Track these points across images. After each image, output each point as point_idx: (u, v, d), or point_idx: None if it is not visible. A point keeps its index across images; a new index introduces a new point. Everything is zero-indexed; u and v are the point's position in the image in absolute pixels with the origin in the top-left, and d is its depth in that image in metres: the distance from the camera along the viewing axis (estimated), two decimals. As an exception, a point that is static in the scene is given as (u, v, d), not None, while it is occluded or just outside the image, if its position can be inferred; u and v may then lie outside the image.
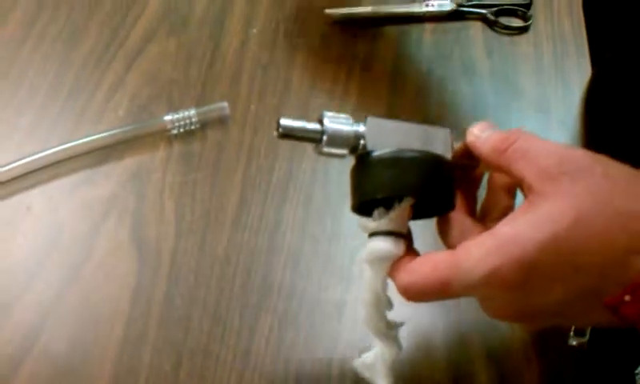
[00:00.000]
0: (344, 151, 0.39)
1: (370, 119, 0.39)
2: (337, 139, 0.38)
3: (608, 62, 0.64)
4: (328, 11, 0.67)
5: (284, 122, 0.38)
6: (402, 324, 0.41)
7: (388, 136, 0.39)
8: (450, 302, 0.38)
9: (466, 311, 0.51)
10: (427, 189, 0.38)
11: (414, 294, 0.37)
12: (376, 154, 0.38)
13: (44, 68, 0.63)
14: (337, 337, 0.51)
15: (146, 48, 0.65)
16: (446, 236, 0.40)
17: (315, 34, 0.67)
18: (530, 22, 0.68)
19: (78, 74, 0.63)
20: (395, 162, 0.38)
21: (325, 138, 0.38)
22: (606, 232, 0.34)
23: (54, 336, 0.50)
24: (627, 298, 0.33)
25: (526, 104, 0.63)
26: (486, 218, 0.41)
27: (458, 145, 0.41)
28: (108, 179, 0.57)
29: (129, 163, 0.58)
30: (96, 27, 0.66)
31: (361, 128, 0.39)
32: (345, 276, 0.53)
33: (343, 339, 0.50)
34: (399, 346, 0.41)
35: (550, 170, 0.35)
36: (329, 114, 0.39)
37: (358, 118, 0.40)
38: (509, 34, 0.68)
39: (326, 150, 0.39)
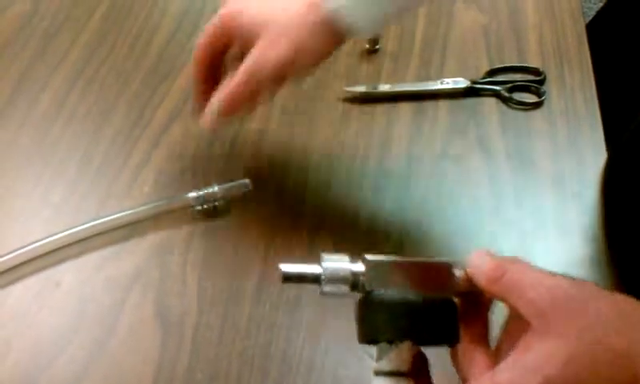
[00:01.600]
0: (345, 289, 0.40)
1: (367, 259, 0.40)
2: (335, 279, 0.40)
3: (625, 142, 0.65)
4: (348, 89, 0.70)
5: (284, 268, 0.40)
6: None
7: (387, 275, 0.40)
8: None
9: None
10: (427, 332, 0.39)
11: None
12: (376, 295, 0.40)
13: (74, 145, 0.66)
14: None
15: (170, 127, 0.67)
16: (456, 363, 0.41)
17: (335, 111, 0.69)
18: (543, 98, 0.70)
19: (107, 150, 0.66)
20: (395, 306, 0.39)
21: (323, 278, 0.40)
22: (594, 370, 0.36)
23: (79, 411, 0.51)
24: None
25: (542, 178, 0.64)
26: (505, 341, 0.41)
27: (461, 273, 0.41)
28: (134, 254, 0.59)
29: (154, 238, 0.60)
30: (124, 106, 0.69)
31: (359, 267, 0.40)
32: (363, 353, 0.53)
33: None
34: None
35: (540, 305, 0.37)
36: (327, 256, 0.40)
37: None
38: (523, 110, 0.70)
39: (326, 289, 0.40)
